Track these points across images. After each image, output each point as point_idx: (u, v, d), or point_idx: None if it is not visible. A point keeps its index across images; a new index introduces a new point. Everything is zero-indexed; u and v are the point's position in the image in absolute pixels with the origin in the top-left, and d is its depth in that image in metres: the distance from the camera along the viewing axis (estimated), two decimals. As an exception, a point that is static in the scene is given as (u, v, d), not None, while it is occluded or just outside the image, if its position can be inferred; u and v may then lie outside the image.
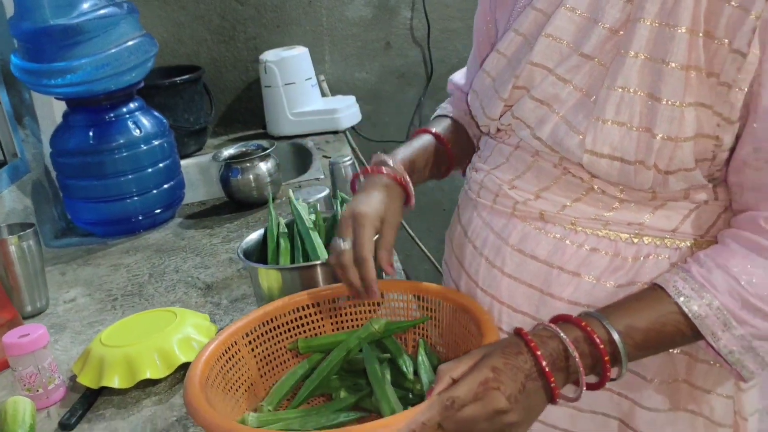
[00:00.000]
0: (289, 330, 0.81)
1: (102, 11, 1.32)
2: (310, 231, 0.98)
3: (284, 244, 1.00)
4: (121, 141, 1.43)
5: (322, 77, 2.25)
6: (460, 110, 0.98)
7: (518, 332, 0.65)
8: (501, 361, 0.62)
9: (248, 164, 1.52)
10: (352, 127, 2.19)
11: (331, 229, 1.02)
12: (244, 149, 1.57)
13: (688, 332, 0.66)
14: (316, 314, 0.83)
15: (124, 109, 1.45)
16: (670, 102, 0.66)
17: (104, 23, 1.33)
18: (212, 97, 2.13)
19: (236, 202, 1.55)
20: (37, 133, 1.53)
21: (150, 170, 1.47)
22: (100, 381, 0.84)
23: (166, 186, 1.50)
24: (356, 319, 0.84)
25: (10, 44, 1.41)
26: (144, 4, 2.11)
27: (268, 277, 0.94)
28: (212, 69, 2.19)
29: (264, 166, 1.53)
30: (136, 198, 1.46)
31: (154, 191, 1.48)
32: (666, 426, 0.76)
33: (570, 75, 0.72)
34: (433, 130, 0.93)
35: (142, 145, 1.46)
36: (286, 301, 0.82)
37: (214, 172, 1.89)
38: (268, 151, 1.54)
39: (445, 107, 1.00)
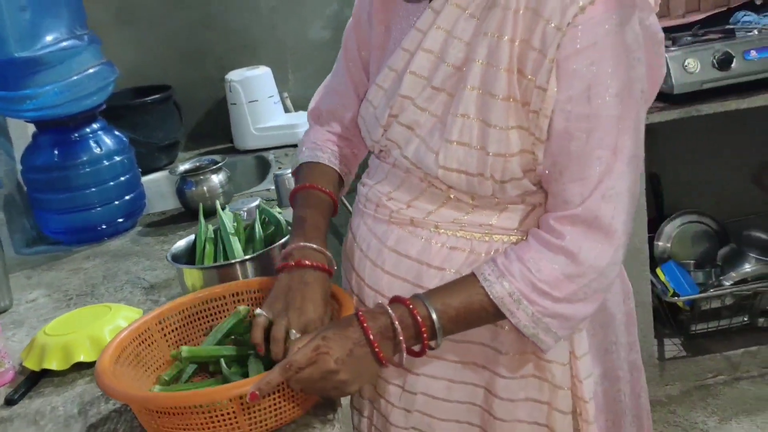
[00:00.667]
0: (199, 319, 0.97)
1: (64, 43, 1.48)
2: (231, 236, 1.13)
3: (209, 247, 1.15)
4: (85, 158, 1.58)
5: (285, 94, 2.41)
6: (330, 146, 1.06)
7: (356, 311, 0.81)
8: (331, 332, 0.78)
9: (201, 177, 1.67)
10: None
11: (251, 233, 1.17)
12: (198, 164, 1.73)
13: (491, 310, 0.81)
14: (224, 305, 0.98)
15: (87, 129, 1.61)
16: (497, 127, 0.81)
17: (66, 54, 1.48)
18: (182, 114, 2.29)
19: (191, 212, 1.70)
20: (10, 152, 1.69)
21: (111, 183, 1.63)
22: (41, 364, 1.00)
23: (126, 198, 1.66)
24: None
25: (-17, 73, 1.58)
26: (116, 30, 2.28)
27: (191, 275, 1.09)
28: (182, 88, 2.34)
29: (216, 179, 1.69)
30: (99, 209, 1.61)
31: (116, 202, 1.64)
32: (519, 390, 0.91)
33: (426, 104, 0.87)
34: (315, 184, 1.01)
35: (104, 161, 1.61)
36: (197, 294, 0.97)
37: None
38: (219, 164, 1.69)
39: (313, 154, 1.05)
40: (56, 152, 1.57)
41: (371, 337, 0.78)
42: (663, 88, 2.02)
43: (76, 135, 1.60)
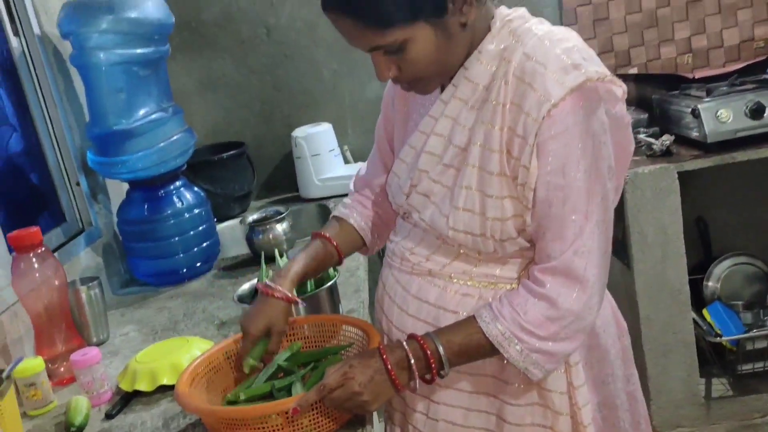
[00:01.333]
0: None
1: (153, 116, 1.76)
2: None
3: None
4: (169, 212, 1.85)
5: (345, 147, 2.64)
6: (358, 206, 1.27)
7: (379, 345, 0.99)
8: (357, 361, 0.96)
9: (267, 226, 1.91)
10: (371, 189, 2.56)
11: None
12: (265, 214, 1.96)
13: (488, 347, 0.98)
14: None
15: (171, 187, 1.88)
16: (494, 196, 0.99)
17: (154, 125, 1.76)
18: (254, 168, 2.56)
19: (259, 257, 1.93)
20: (108, 207, 1.98)
21: (191, 233, 1.88)
22: (133, 386, 1.22)
23: (204, 245, 1.91)
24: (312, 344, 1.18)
25: (87, 142, 1.87)
26: (199, 95, 2.59)
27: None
28: (255, 144, 2.62)
29: (280, 228, 1.91)
30: (181, 255, 1.87)
31: (195, 249, 1.89)
32: (526, 416, 1.06)
33: (439, 177, 1.05)
34: (326, 234, 1.21)
35: (186, 214, 1.87)
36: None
37: (248, 232, 2.30)
38: (283, 215, 1.92)
39: (342, 211, 1.27)
40: (146, 207, 1.84)
41: (389, 367, 0.96)
42: (696, 137, 2.16)
43: (162, 192, 1.86)
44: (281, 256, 1.43)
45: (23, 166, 1.73)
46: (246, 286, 1.39)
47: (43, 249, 1.34)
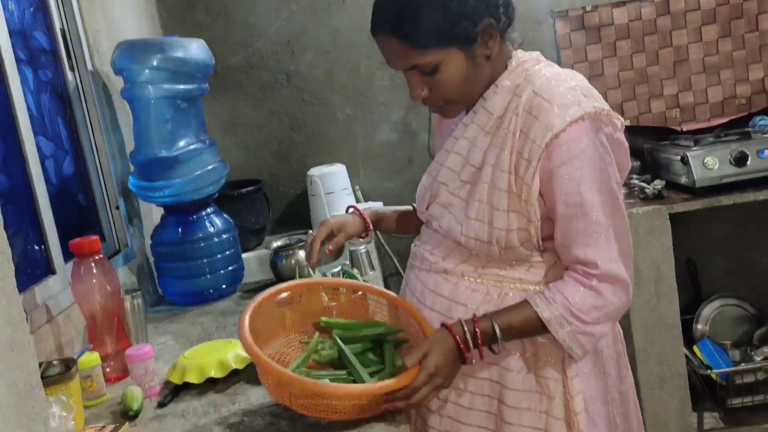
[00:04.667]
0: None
1: (192, 146, 1.92)
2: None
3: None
4: (200, 235, 1.98)
5: (357, 187, 2.80)
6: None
7: (444, 326, 1.15)
8: (434, 350, 1.12)
9: (290, 252, 2.05)
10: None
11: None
12: (288, 242, 2.10)
13: (540, 328, 1.14)
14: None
15: (203, 213, 2.02)
16: (501, 210, 1.15)
17: (192, 154, 1.92)
18: (270, 204, 2.70)
19: (282, 281, 2.05)
20: (141, 230, 2.12)
21: (219, 256, 2.01)
22: (183, 378, 1.34)
23: (230, 268, 2.04)
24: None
25: (127, 169, 2.03)
26: (224, 134, 2.76)
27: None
28: (271, 182, 2.78)
29: (302, 253, 2.05)
30: (208, 276, 2.00)
31: (222, 272, 2.02)
32: (523, 401, 1.20)
33: (457, 191, 1.22)
34: (413, 204, 1.43)
35: (215, 238, 2.01)
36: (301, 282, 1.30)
37: (268, 261, 2.42)
38: (305, 242, 2.06)
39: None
40: (180, 230, 1.97)
41: (461, 345, 1.12)
42: (685, 182, 2.34)
43: (195, 217, 2.00)
44: (312, 271, 1.58)
45: (72, 188, 1.87)
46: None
47: (101, 256, 1.47)
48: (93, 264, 1.45)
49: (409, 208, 1.47)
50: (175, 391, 1.34)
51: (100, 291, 1.46)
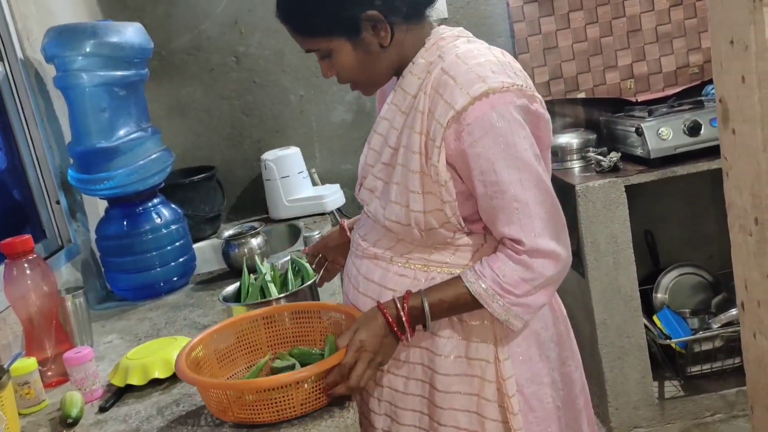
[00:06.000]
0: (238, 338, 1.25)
1: (133, 135, 1.84)
2: (268, 282, 1.43)
3: (252, 290, 1.45)
4: (147, 227, 1.92)
5: (313, 170, 2.75)
6: None
7: (378, 306, 1.14)
8: (363, 328, 1.12)
9: (243, 240, 1.99)
10: (338, 209, 2.67)
11: (284, 277, 1.47)
12: (240, 230, 2.04)
13: (472, 303, 1.13)
14: (259, 328, 1.26)
15: (150, 204, 1.95)
16: (415, 192, 1.14)
17: (134, 143, 1.84)
18: (224, 191, 2.63)
19: (235, 271, 2.01)
20: (86, 224, 2.04)
21: (169, 248, 1.95)
22: (125, 381, 1.28)
23: (181, 260, 1.98)
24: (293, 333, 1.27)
25: (67, 162, 1.94)
26: (172, 120, 2.67)
27: (238, 311, 1.38)
28: (224, 168, 2.71)
29: (255, 242, 2.00)
30: (158, 269, 1.93)
31: (172, 264, 1.95)
32: (453, 385, 1.18)
33: (379, 174, 1.20)
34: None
35: (163, 230, 1.94)
36: (234, 319, 1.26)
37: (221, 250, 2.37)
38: (257, 230, 2.01)
39: None
40: (125, 223, 1.90)
41: (391, 322, 1.12)
42: (640, 153, 2.33)
43: (141, 209, 1.93)
44: (261, 262, 1.53)
45: (6, 184, 1.78)
46: (230, 289, 1.47)
47: (35, 256, 1.40)
48: (26, 264, 1.38)
49: None
50: (117, 394, 1.29)
51: (35, 292, 1.39)
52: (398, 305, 1.13)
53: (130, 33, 1.82)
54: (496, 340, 1.18)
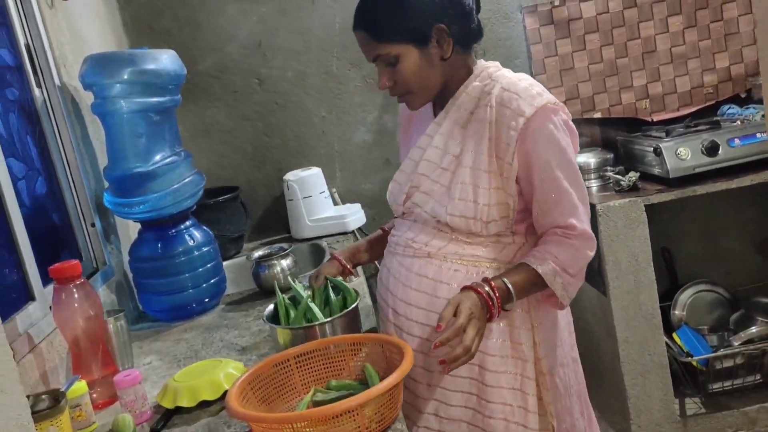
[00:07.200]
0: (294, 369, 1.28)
1: (168, 159, 1.88)
2: (308, 301, 1.46)
3: (293, 312, 1.48)
4: (180, 249, 1.95)
5: (334, 189, 2.79)
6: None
7: (470, 287, 1.28)
8: (465, 301, 1.25)
9: (273, 262, 2.02)
10: (360, 228, 2.70)
11: (323, 293, 1.50)
12: (269, 251, 2.08)
13: (539, 284, 1.32)
14: (304, 362, 1.29)
15: (182, 226, 1.99)
16: (483, 188, 1.34)
17: (169, 168, 1.88)
18: (248, 211, 2.67)
19: (264, 291, 2.04)
20: (119, 246, 2.07)
21: (200, 270, 1.98)
22: (174, 403, 1.31)
23: (212, 281, 2.01)
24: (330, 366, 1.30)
25: (101, 185, 1.98)
26: (194, 141, 2.71)
27: (282, 333, 1.41)
28: (247, 188, 2.75)
29: (285, 263, 2.04)
30: (191, 291, 1.96)
31: (204, 285, 1.99)
32: (501, 365, 1.36)
33: (438, 178, 1.39)
34: (383, 226, 1.66)
35: (195, 252, 1.98)
36: (277, 356, 1.29)
37: (249, 269, 2.40)
38: (287, 251, 2.05)
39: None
40: (159, 245, 1.94)
41: (486, 299, 1.27)
42: (659, 173, 2.38)
43: (174, 231, 1.97)
44: (293, 281, 1.58)
45: (46, 209, 1.82)
46: (271, 307, 1.50)
47: (82, 280, 1.43)
48: (74, 289, 1.41)
49: (379, 232, 1.65)
50: (167, 416, 1.32)
51: (82, 316, 1.42)
52: (488, 286, 1.28)
53: (166, 60, 1.87)
54: (533, 326, 1.38)
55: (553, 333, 1.43)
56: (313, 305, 1.46)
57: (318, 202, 2.64)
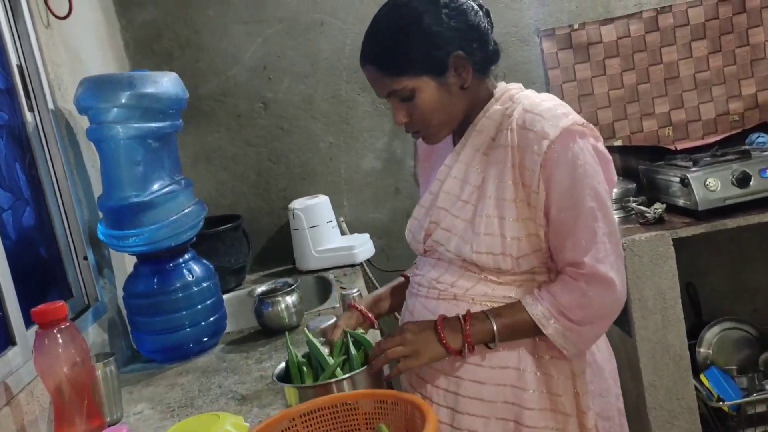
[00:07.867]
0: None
1: (167, 189, 1.76)
2: (327, 358, 1.30)
3: (306, 369, 1.32)
4: (178, 285, 1.82)
5: (341, 219, 2.66)
6: None
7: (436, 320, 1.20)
8: (413, 326, 1.21)
9: (277, 298, 1.88)
10: (369, 260, 2.57)
11: (341, 348, 1.34)
12: (273, 286, 1.94)
13: (531, 324, 1.19)
14: (316, 419, 1.15)
15: (180, 260, 1.85)
16: (510, 219, 1.20)
17: (168, 197, 1.75)
18: (249, 241, 2.54)
19: (268, 330, 1.90)
20: (113, 281, 1.94)
21: (199, 306, 1.85)
22: (166, 466, 1.17)
23: (211, 319, 1.87)
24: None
25: (95, 216, 1.85)
26: (194, 167, 2.59)
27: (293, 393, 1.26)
28: (250, 216, 2.62)
29: (290, 300, 1.90)
30: (188, 330, 1.82)
31: (203, 323, 1.85)
32: (541, 420, 1.21)
33: (458, 212, 1.26)
34: (405, 273, 1.47)
35: (194, 287, 1.84)
36: (290, 410, 1.14)
37: (250, 304, 2.26)
38: (292, 287, 1.91)
39: None
40: (155, 280, 1.80)
41: (440, 327, 1.18)
42: (685, 204, 2.24)
43: (171, 265, 1.84)
44: (310, 334, 1.39)
45: (34, 241, 1.69)
46: (282, 365, 1.34)
47: (68, 324, 1.30)
48: (58, 334, 1.28)
49: (400, 279, 1.48)
50: (157, 480, 1.18)
51: (67, 363, 1.28)
52: (462, 323, 1.18)
53: (166, 83, 1.75)
54: (573, 374, 1.23)
55: (597, 383, 1.27)
56: (331, 361, 1.29)
57: (325, 231, 2.51)
